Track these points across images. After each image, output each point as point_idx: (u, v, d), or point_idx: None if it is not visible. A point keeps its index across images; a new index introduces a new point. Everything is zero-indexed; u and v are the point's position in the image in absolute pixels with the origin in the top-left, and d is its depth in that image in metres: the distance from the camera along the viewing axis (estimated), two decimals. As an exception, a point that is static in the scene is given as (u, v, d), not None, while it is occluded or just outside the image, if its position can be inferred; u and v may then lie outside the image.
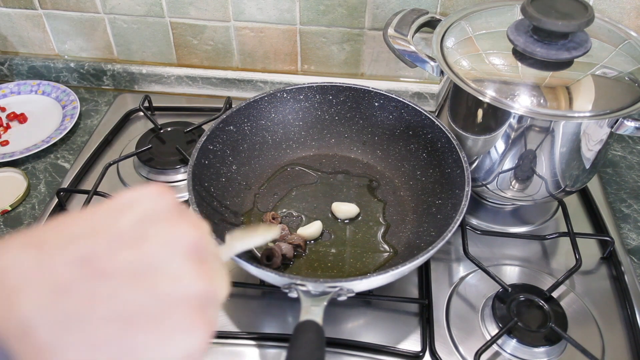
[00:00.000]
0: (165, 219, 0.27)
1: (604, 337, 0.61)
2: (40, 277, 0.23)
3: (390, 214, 0.71)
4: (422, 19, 0.72)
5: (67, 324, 0.23)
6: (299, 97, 0.76)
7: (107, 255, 0.25)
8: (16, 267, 0.23)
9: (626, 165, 0.85)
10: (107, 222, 0.26)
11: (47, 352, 0.22)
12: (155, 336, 0.25)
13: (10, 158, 0.83)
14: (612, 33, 0.66)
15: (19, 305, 0.22)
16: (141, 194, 0.28)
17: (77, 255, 0.24)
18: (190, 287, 0.26)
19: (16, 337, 0.22)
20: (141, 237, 0.26)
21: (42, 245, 0.24)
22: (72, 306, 0.23)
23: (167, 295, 0.25)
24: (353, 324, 0.63)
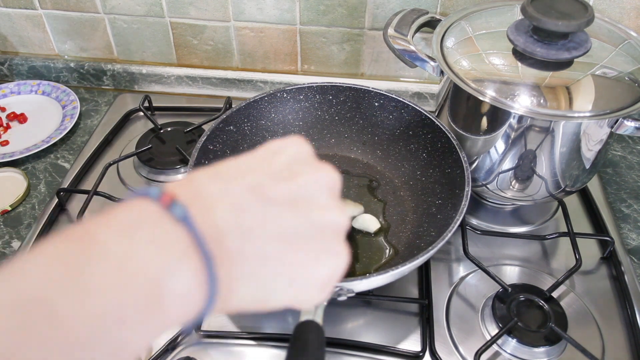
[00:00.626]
0: (310, 162, 0.32)
1: (604, 337, 0.61)
2: (224, 197, 0.27)
3: (390, 214, 0.71)
4: (422, 19, 0.72)
5: (247, 236, 0.27)
6: (299, 97, 0.76)
7: (270, 185, 0.29)
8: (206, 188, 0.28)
9: (626, 165, 0.85)
10: (264, 162, 0.31)
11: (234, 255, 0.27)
12: (309, 255, 0.30)
13: (10, 158, 0.83)
14: (612, 33, 0.66)
15: (214, 216, 0.27)
16: (287, 143, 0.33)
17: (247, 183, 0.29)
18: (336, 218, 0.31)
19: (214, 240, 0.26)
20: (293, 174, 0.30)
21: (220, 175, 0.29)
22: (249, 222, 0.27)
23: (318, 222, 0.30)
24: (353, 324, 0.63)
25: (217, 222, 0.27)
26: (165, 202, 0.26)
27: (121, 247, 0.24)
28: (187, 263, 0.25)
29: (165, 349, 0.59)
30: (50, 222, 0.75)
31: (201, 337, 0.61)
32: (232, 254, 0.27)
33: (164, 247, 0.25)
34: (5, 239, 0.73)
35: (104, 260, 0.23)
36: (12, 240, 0.73)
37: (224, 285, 0.26)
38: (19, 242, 0.73)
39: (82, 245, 0.23)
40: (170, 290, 0.24)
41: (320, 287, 0.31)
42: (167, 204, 0.26)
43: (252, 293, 0.28)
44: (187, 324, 0.27)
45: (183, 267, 0.25)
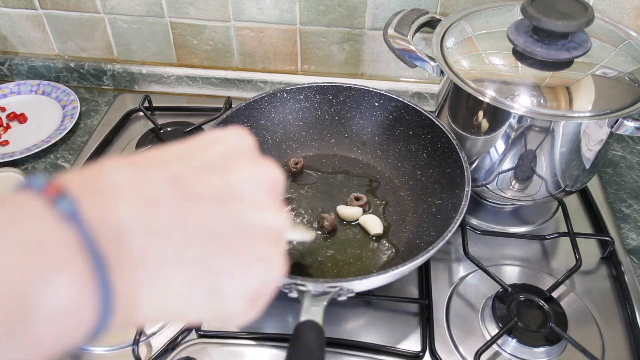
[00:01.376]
0: (248, 156, 0.28)
1: (604, 337, 0.61)
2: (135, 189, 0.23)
3: (390, 214, 0.71)
4: (422, 19, 0.72)
5: (158, 235, 0.23)
6: (299, 97, 0.76)
7: (196, 178, 0.25)
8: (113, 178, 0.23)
9: (626, 165, 0.85)
10: (196, 151, 0.27)
11: (137, 258, 0.22)
12: (236, 260, 0.25)
13: (10, 158, 0.83)
14: (612, 33, 0.66)
15: (115, 211, 0.22)
16: (226, 134, 0.29)
17: (169, 174, 0.24)
18: (272, 220, 0.27)
19: (111, 241, 0.22)
20: (227, 167, 0.27)
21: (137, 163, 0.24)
22: (163, 219, 0.23)
23: (250, 223, 0.26)
24: (353, 324, 0.63)
25: (120, 218, 0.22)
26: (50, 195, 0.21)
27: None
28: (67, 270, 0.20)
29: (165, 349, 0.59)
30: (50, 222, 0.75)
31: (201, 337, 0.61)
32: (135, 256, 0.22)
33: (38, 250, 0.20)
34: (5, 239, 0.73)
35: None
36: (12, 240, 0.73)
37: (124, 294, 0.22)
38: (19, 242, 0.73)
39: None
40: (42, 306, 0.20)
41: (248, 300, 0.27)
42: (52, 197, 0.21)
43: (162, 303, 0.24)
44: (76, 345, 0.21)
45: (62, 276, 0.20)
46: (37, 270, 0.20)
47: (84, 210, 0.21)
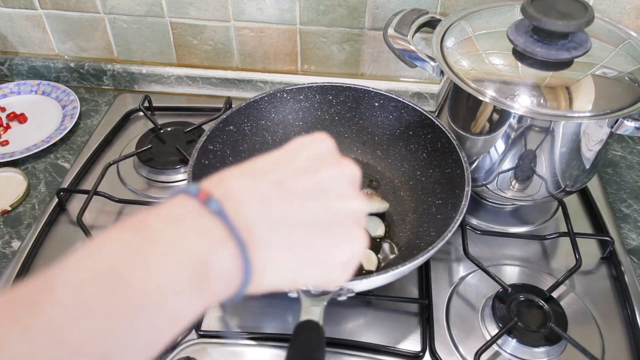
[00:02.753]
0: (332, 157, 0.35)
1: (604, 337, 0.61)
2: (253, 193, 0.31)
3: (390, 214, 0.71)
4: (422, 19, 0.72)
5: (273, 227, 0.31)
6: (299, 97, 0.76)
7: (294, 180, 0.33)
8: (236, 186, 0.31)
9: (626, 165, 0.85)
10: (290, 158, 0.34)
11: (262, 242, 0.31)
12: (330, 241, 0.33)
13: (10, 158, 0.83)
14: (612, 33, 0.66)
15: (243, 210, 0.30)
16: (311, 139, 0.36)
17: (273, 180, 0.32)
18: (353, 206, 0.34)
19: (245, 230, 0.30)
20: (315, 169, 0.34)
21: (249, 174, 0.33)
22: (275, 214, 0.31)
23: (338, 211, 0.33)
24: (353, 324, 0.63)
25: (247, 215, 0.30)
26: (202, 198, 0.30)
27: (170, 234, 0.28)
28: (225, 248, 0.29)
29: (165, 349, 0.59)
30: (50, 222, 0.75)
31: (201, 337, 0.61)
32: (261, 242, 0.31)
33: (206, 234, 0.29)
34: (5, 239, 0.73)
35: (158, 244, 0.28)
36: (12, 240, 0.73)
37: (256, 268, 0.31)
38: (19, 242, 0.73)
39: (140, 232, 0.28)
40: (214, 269, 0.29)
41: (343, 268, 0.35)
42: (204, 200, 0.30)
43: (281, 275, 0.33)
44: (228, 299, 0.31)
45: (223, 252, 0.29)
46: (209, 246, 0.29)
47: (227, 209, 0.30)
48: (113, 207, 0.76)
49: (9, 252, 0.71)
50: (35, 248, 0.71)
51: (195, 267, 0.28)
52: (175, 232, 0.29)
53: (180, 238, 0.29)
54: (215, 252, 0.29)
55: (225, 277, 0.30)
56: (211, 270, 0.29)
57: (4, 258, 0.71)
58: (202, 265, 0.29)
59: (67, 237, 0.73)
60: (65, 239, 0.73)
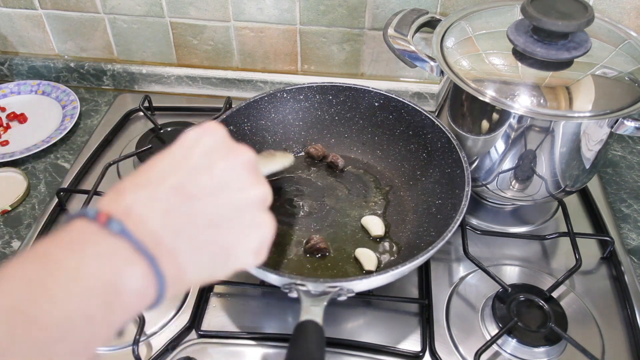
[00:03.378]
0: (224, 147, 0.36)
1: (604, 337, 0.61)
2: (152, 206, 0.32)
3: (390, 214, 0.71)
4: (422, 19, 0.72)
5: (180, 233, 0.32)
6: (299, 97, 0.76)
7: (191, 181, 0.33)
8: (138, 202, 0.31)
9: (626, 165, 0.85)
10: (182, 158, 0.34)
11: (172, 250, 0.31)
12: (237, 234, 0.35)
13: (10, 158, 0.83)
14: (612, 33, 0.66)
15: (147, 224, 0.31)
16: (201, 132, 0.36)
17: (170, 187, 0.33)
18: (254, 193, 0.36)
19: (152, 244, 0.31)
20: (210, 164, 0.34)
21: (146, 184, 0.33)
22: (178, 221, 0.32)
23: (239, 202, 0.35)
24: (353, 324, 0.63)
25: (151, 228, 0.31)
26: (102, 221, 0.30)
27: (74, 260, 0.28)
28: (135, 265, 0.30)
29: (165, 349, 0.59)
30: (50, 222, 0.75)
31: (201, 337, 0.61)
32: (171, 251, 0.31)
33: (111, 256, 0.29)
34: (5, 239, 0.73)
35: (61, 273, 0.28)
36: (12, 240, 0.73)
37: (171, 276, 0.31)
38: (19, 242, 0.73)
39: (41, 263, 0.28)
40: (126, 288, 0.29)
41: (255, 253, 0.36)
42: (104, 222, 0.30)
43: (198, 274, 0.34)
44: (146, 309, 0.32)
45: (132, 269, 0.30)
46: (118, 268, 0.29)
47: (130, 228, 0.30)
48: (113, 207, 0.76)
49: (9, 252, 0.71)
50: (35, 248, 0.71)
51: (105, 289, 0.29)
52: (78, 258, 0.29)
53: (84, 264, 0.29)
54: (124, 272, 0.29)
55: (138, 292, 0.30)
56: (123, 290, 0.29)
57: (4, 258, 0.71)
58: (112, 286, 0.29)
59: (67, 237, 0.73)
60: (65, 239, 0.73)
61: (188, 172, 0.34)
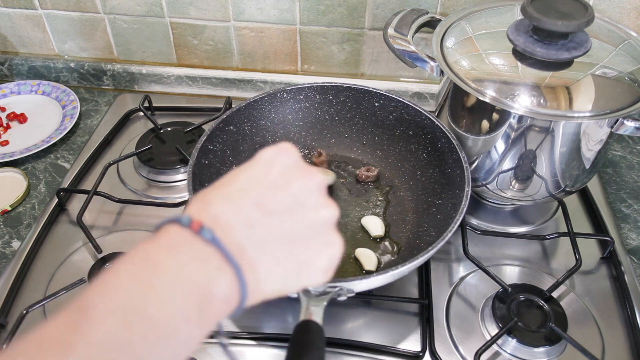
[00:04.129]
0: (299, 168, 0.38)
1: (604, 337, 0.61)
2: (237, 218, 0.34)
3: (390, 214, 0.71)
4: (422, 19, 0.72)
5: (261, 246, 0.34)
6: (299, 97, 0.76)
7: (271, 198, 0.35)
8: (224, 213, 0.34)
9: (626, 165, 0.85)
10: (262, 174, 0.37)
11: (253, 262, 0.33)
12: (310, 251, 0.36)
13: (10, 158, 0.83)
14: (612, 33, 0.66)
15: (233, 235, 0.33)
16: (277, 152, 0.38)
17: (253, 202, 0.35)
18: (326, 213, 0.37)
19: (237, 254, 0.32)
20: (287, 182, 0.36)
21: (230, 197, 0.35)
22: (260, 234, 0.34)
23: (313, 221, 0.37)
24: (353, 324, 0.63)
25: (236, 238, 0.33)
26: (195, 228, 0.32)
27: (173, 263, 0.31)
28: (224, 273, 0.32)
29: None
30: (50, 222, 0.75)
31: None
32: (252, 262, 0.33)
33: (205, 262, 0.32)
34: (5, 239, 0.73)
35: (163, 275, 0.30)
36: (12, 240, 0.73)
37: (251, 285, 0.33)
38: (19, 242, 0.73)
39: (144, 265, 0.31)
40: (216, 294, 0.31)
41: (324, 271, 0.38)
42: (197, 230, 0.32)
43: (272, 287, 0.36)
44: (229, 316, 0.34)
45: (222, 277, 0.32)
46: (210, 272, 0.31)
47: (219, 237, 0.32)
48: (113, 207, 0.76)
49: (9, 252, 0.71)
50: (35, 248, 0.71)
51: (200, 294, 0.31)
52: (176, 262, 0.31)
53: (182, 267, 0.31)
54: (215, 278, 0.31)
55: (225, 299, 0.32)
56: (213, 294, 0.31)
57: (4, 258, 0.71)
58: (205, 291, 0.31)
59: (67, 237, 0.73)
60: (65, 239, 0.73)
61: (268, 189, 0.36)
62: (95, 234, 0.71)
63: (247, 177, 0.36)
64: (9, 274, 0.67)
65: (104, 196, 0.75)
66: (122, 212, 0.76)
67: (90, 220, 0.75)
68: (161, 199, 0.78)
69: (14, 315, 0.63)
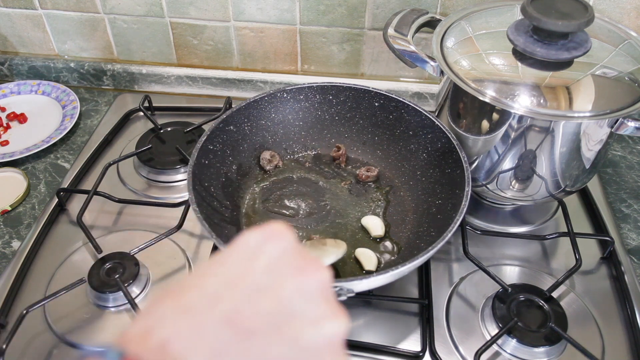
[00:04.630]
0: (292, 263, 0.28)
1: (604, 337, 0.61)
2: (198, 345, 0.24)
3: (390, 214, 0.71)
4: (422, 19, 0.72)
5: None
6: (299, 97, 0.76)
7: (249, 309, 0.25)
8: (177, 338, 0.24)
9: (626, 165, 0.85)
10: (240, 272, 0.26)
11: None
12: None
13: (10, 158, 0.83)
14: (612, 33, 0.66)
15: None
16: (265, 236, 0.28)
17: (223, 316, 0.25)
18: (330, 330, 0.27)
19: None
20: (274, 284, 0.26)
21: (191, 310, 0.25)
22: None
23: (312, 342, 0.26)
24: (353, 324, 0.63)
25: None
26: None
27: None
28: None
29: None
30: (50, 222, 0.75)
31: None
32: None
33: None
34: (5, 239, 0.73)
35: None
36: (12, 240, 0.73)
37: None
38: (19, 242, 0.73)
39: None
40: None
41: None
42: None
43: None
44: None
45: None
46: None
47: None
48: (113, 207, 0.76)
49: (9, 252, 0.71)
50: (35, 248, 0.71)
51: None
52: None
53: None
54: None
55: None
56: None
57: (4, 258, 0.71)
58: None
59: (67, 237, 0.73)
60: (65, 239, 0.73)
61: (246, 295, 0.26)
62: (95, 234, 0.71)
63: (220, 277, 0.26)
64: (9, 274, 0.67)
65: (104, 196, 0.75)
66: (122, 212, 0.76)
67: (90, 220, 0.75)
68: (161, 199, 0.78)
69: (14, 315, 0.63)
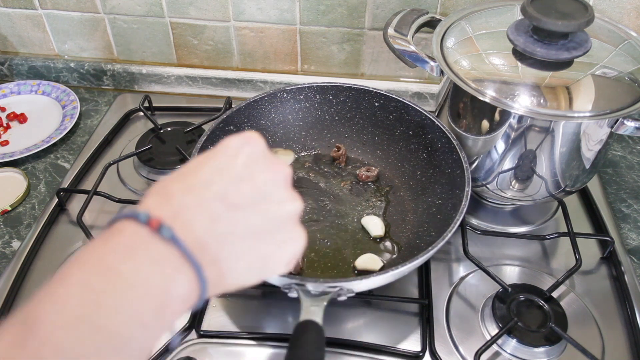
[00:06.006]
0: (264, 159, 0.37)
1: (604, 337, 0.61)
2: (199, 212, 0.32)
3: (390, 214, 0.71)
4: (422, 19, 0.72)
5: (224, 240, 0.33)
6: (299, 97, 0.76)
7: (234, 190, 0.34)
8: (186, 207, 0.32)
9: (626, 165, 0.85)
10: (226, 165, 0.35)
11: (215, 257, 0.33)
12: (274, 245, 0.36)
13: (10, 158, 0.83)
14: (612, 33, 0.66)
15: (194, 229, 0.32)
16: (242, 141, 0.37)
17: (216, 194, 0.33)
18: (291, 207, 0.37)
19: (198, 250, 0.31)
20: (252, 174, 0.35)
21: (193, 189, 0.33)
22: (222, 228, 0.33)
23: (277, 215, 0.36)
24: (353, 324, 0.63)
25: (197, 234, 0.32)
26: (154, 226, 0.31)
27: (128, 268, 0.29)
28: (183, 273, 0.31)
29: (165, 349, 0.59)
30: (50, 222, 0.75)
31: (201, 337, 0.61)
32: (213, 258, 0.33)
33: (162, 263, 0.30)
34: (5, 239, 0.73)
35: (118, 281, 0.29)
36: (12, 240, 0.73)
37: (212, 281, 0.33)
38: (19, 242, 0.73)
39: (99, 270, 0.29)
40: (175, 295, 0.31)
41: (287, 263, 0.38)
42: (155, 228, 0.31)
43: (234, 281, 0.35)
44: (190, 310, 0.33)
45: (181, 277, 0.31)
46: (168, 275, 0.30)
47: (178, 234, 0.31)
48: (113, 207, 0.76)
49: (9, 252, 0.71)
50: (35, 248, 0.71)
51: (157, 297, 0.30)
52: (132, 266, 0.29)
53: (138, 271, 0.29)
54: (174, 280, 0.30)
55: (183, 298, 0.31)
56: (171, 297, 0.30)
57: (4, 258, 0.71)
58: (163, 294, 0.30)
59: (67, 237, 0.73)
60: (65, 239, 0.73)
61: (232, 181, 0.34)
62: (95, 234, 0.71)
63: (211, 168, 0.35)
64: (9, 274, 0.67)
65: (104, 196, 0.75)
66: (122, 212, 0.76)
67: (90, 220, 0.75)
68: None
69: (14, 315, 0.63)
